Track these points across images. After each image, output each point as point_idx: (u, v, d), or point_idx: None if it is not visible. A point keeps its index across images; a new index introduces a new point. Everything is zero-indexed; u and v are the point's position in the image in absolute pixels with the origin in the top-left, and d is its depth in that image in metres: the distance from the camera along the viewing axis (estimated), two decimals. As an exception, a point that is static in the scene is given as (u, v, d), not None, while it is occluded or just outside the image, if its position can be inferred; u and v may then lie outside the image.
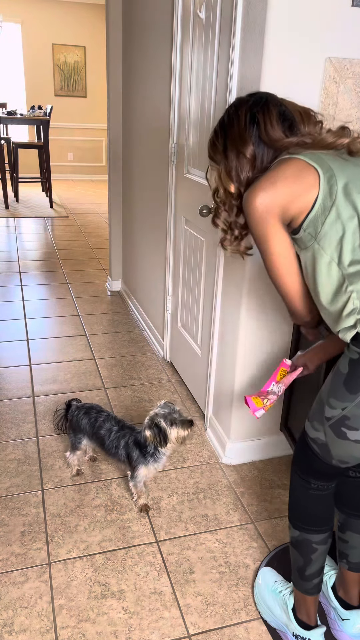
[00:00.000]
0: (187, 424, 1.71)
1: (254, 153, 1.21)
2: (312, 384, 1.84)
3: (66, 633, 1.45)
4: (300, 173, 1.13)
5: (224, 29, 1.87)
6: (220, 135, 1.26)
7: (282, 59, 1.64)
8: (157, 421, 1.71)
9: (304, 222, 1.13)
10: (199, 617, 1.51)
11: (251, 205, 1.14)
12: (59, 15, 8.43)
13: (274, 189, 1.13)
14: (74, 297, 3.89)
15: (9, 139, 7.05)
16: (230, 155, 1.22)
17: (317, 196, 1.11)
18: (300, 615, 1.41)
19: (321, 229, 1.12)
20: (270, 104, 1.21)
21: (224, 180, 1.25)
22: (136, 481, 1.84)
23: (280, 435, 2.14)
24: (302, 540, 1.36)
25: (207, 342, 2.30)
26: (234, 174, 1.23)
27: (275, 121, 1.19)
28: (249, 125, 1.20)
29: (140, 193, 3.32)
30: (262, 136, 1.19)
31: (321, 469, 1.28)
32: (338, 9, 1.63)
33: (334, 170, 1.13)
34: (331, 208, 1.10)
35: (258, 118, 1.19)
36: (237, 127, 1.21)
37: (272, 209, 1.13)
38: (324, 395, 1.19)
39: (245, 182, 1.23)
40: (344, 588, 1.48)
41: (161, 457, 1.81)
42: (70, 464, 2.03)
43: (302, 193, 1.12)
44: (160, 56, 2.66)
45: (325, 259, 1.12)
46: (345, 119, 1.76)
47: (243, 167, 1.22)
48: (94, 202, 7.47)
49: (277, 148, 1.20)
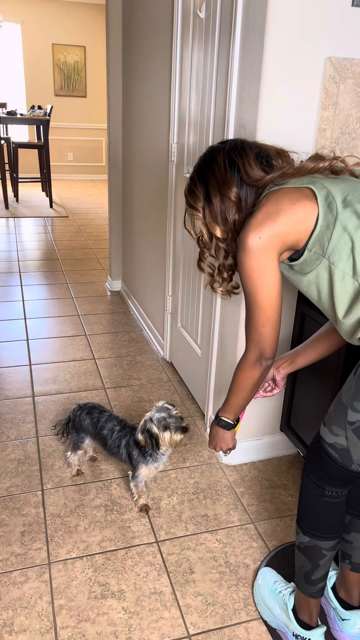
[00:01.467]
0: (180, 430, 1.71)
1: (238, 195, 1.22)
2: (313, 384, 1.84)
3: (66, 633, 1.45)
4: (295, 199, 1.15)
5: (224, 29, 1.87)
6: (199, 182, 1.26)
7: (282, 59, 1.64)
8: (149, 426, 1.71)
9: (308, 243, 1.14)
10: (199, 617, 1.51)
11: (250, 243, 1.15)
12: (59, 15, 8.43)
13: (273, 222, 1.14)
14: (74, 297, 3.89)
15: (9, 138, 7.05)
16: (214, 200, 1.24)
17: (318, 215, 1.12)
18: (302, 616, 1.41)
19: (328, 244, 1.12)
20: (246, 148, 1.24)
21: (210, 225, 1.26)
22: (137, 481, 1.84)
23: (280, 435, 2.14)
24: (311, 547, 1.34)
25: (207, 342, 2.30)
26: (221, 219, 1.24)
27: (253, 162, 1.22)
28: (229, 170, 1.22)
29: (140, 193, 3.32)
30: (244, 178, 1.21)
31: (338, 474, 1.26)
32: (338, 9, 1.63)
33: (327, 187, 1.15)
34: (335, 223, 1.11)
35: (237, 162, 1.22)
36: (218, 173, 1.23)
37: (272, 243, 1.14)
38: (346, 399, 1.17)
39: (232, 224, 1.25)
40: (345, 588, 1.48)
41: (160, 457, 1.80)
42: (70, 464, 2.03)
43: (302, 218, 1.13)
44: (160, 56, 2.66)
45: (339, 274, 1.12)
46: (345, 119, 1.77)
47: (229, 209, 1.23)
48: (94, 202, 7.47)
49: (259, 186, 1.22)
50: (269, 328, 1.24)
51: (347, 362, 1.58)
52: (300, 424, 1.96)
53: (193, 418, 2.44)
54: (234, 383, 1.36)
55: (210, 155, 1.27)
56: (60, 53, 8.67)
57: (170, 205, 2.66)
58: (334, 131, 1.77)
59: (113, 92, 3.58)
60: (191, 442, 2.27)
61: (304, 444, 1.90)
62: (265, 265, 1.16)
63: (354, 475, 1.26)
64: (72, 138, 9.22)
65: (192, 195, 1.29)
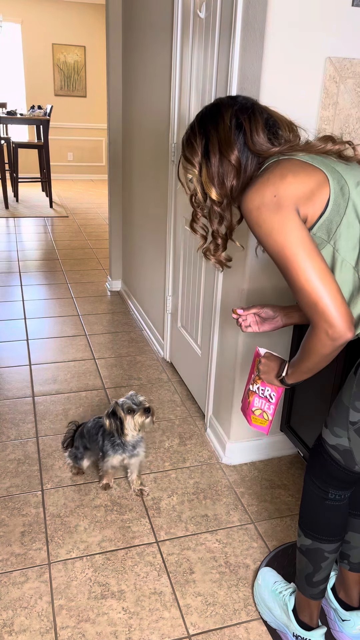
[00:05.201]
0: (143, 411, 1.78)
1: (239, 159, 1.13)
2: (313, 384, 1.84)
3: (66, 633, 1.45)
4: (307, 170, 1.06)
5: (224, 29, 1.87)
6: (200, 134, 1.16)
7: (282, 59, 1.64)
8: (115, 409, 1.79)
9: (315, 226, 1.06)
10: (199, 618, 1.51)
11: (266, 201, 1.03)
12: (59, 15, 8.43)
13: (284, 182, 1.04)
14: (74, 297, 3.89)
15: (9, 138, 7.05)
16: (212, 159, 1.14)
17: (329, 198, 1.04)
18: (303, 617, 1.41)
19: (337, 230, 1.05)
20: (256, 112, 1.14)
21: (205, 185, 1.16)
22: (103, 463, 1.92)
23: (280, 435, 2.14)
24: (314, 549, 1.33)
25: (207, 342, 2.30)
26: (217, 181, 1.15)
27: (261, 129, 1.13)
28: (234, 131, 1.12)
29: (140, 193, 3.32)
30: (249, 144, 1.13)
31: (341, 476, 1.25)
32: (338, 9, 1.63)
33: (340, 172, 1.08)
34: (347, 207, 1.04)
35: (244, 125, 1.12)
36: (222, 131, 1.13)
37: (290, 203, 1.03)
38: (347, 399, 1.16)
39: (229, 190, 1.16)
40: (345, 589, 1.48)
41: (129, 449, 1.87)
42: (68, 463, 2.06)
43: (315, 190, 1.04)
44: (160, 56, 2.66)
45: (339, 261, 1.07)
46: (345, 119, 1.77)
47: (227, 173, 1.14)
48: (94, 202, 7.47)
49: (263, 157, 1.14)
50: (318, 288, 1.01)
51: (347, 362, 1.58)
52: (300, 424, 1.95)
53: (193, 418, 2.44)
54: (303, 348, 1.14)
55: (216, 108, 1.16)
56: (60, 53, 8.67)
57: (171, 205, 2.65)
58: (334, 131, 1.77)
59: (113, 92, 3.58)
60: (191, 442, 2.27)
61: (304, 444, 1.90)
62: (287, 219, 1.03)
63: (356, 476, 1.25)
64: (72, 138, 9.22)
65: (189, 146, 1.18)
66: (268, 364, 1.30)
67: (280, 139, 1.15)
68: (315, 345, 1.05)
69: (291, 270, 1.03)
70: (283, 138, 1.15)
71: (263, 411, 1.38)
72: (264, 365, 1.31)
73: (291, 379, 1.23)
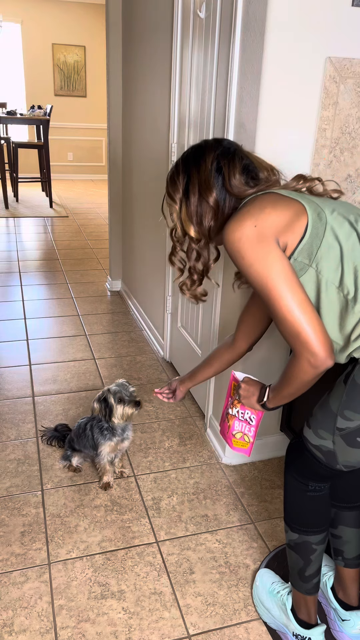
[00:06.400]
0: (133, 404, 1.82)
1: (217, 201, 1.19)
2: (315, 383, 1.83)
3: (66, 633, 1.45)
4: (284, 201, 1.12)
5: (224, 28, 1.87)
6: (183, 173, 1.23)
7: (282, 59, 1.64)
8: (106, 396, 1.82)
9: (295, 251, 1.09)
10: (199, 618, 1.51)
11: (246, 232, 1.08)
12: (59, 15, 8.43)
13: (264, 213, 1.09)
14: (74, 297, 3.89)
15: (9, 138, 7.05)
16: (192, 198, 1.20)
17: (307, 224, 1.09)
18: (301, 615, 1.42)
19: (317, 252, 1.08)
20: (236, 157, 1.21)
21: (184, 222, 1.22)
22: (100, 458, 1.94)
23: (280, 435, 2.14)
24: (301, 543, 1.35)
25: (207, 342, 2.30)
26: (196, 219, 1.21)
27: (238, 173, 1.19)
28: (214, 174, 1.19)
29: (140, 193, 3.32)
30: (226, 186, 1.19)
31: (321, 472, 1.27)
32: (338, 9, 1.63)
33: (315, 201, 1.14)
34: (325, 230, 1.09)
35: (223, 169, 1.19)
36: (202, 173, 1.20)
37: (270, 232, 1.08)
38: (335, 406, 1.17)
39: (207, 229, 1.21)
40: (343, 588, 1.48)
41: (119, 432, 1.90)
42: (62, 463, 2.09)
43: (293, 218, 1.09)
44: (160, 56, 2.66)
45: (324, 283, 1.09)
46: (345, 119, 1.77)
47: (205, 213, 1.20)
48: (94, 202, 7.47)
49: (240, 198, 1.19)
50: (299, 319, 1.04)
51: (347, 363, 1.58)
52: (300, 425, 1.95)
53: (193, 418, 2.44)
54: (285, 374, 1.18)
55: (200, 151, 1.23)
56: (60, 53, 8.67)
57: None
58: (334, 131, 1.77)
59: (113, 92, 3.58)
60: (191, 442, 2.27)
61: (304, 444, 1.90)
62: (268, 250, 1.07)
63: (337, 473, 1.26)
64: (72, 138, 9.22)
65: (172, 184, 1.25)
66: (248, 389, 1.35)
67: (260, 181, 1.22)
68: (298, 373, 1.10)
69: (273, 301, 1.07)
70: (262, 181, 1.22)
71: (244, 434, 1.42)
72: (244, 390, 1.36)
73: (272, 403, 1.28)
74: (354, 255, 1.08)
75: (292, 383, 1.14)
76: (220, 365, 1.57)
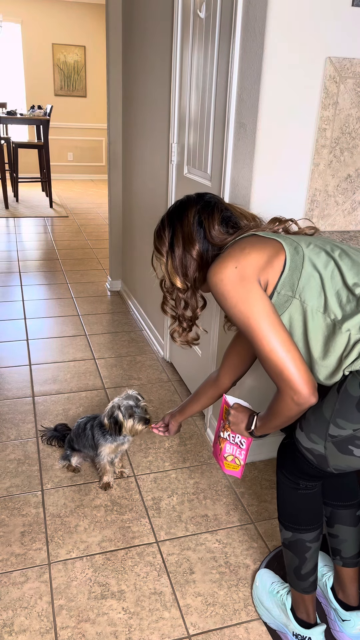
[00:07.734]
0: (143, 421, 1.81)
1: (200, 253, 1.27)
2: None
3: (66, 633, 1.45)
4: (263, 241, 1.18)
5: (224, 28, 1.87)
6: (168, 227, 1.30)
7: (282, 59, 1.64)
8: (116, 414, 1.81)
9: (277, 285, 1.14)
10: (199, 618, 1.51)
11: (228, 274, 1.13)
12: (59, 15, 8.43)
13: (244, 254, 1.15)
14: (74, 297, 3.89)
15: (9, 138, 7.05)
16: (176, 251, 1.28)
17: (285, 257, 1.14)
18: (300, 615, 1.42)
19: (298, 283, 1.12)
20: (215, 210, 1.29)
21: (171, 274, 1.30)
22: (100, 458, 1.93)
23: (280, 436, 2.14)
24: (295, 541, 1.36)
25: (207, 342, 2.30)
26: (181, 271, 1.29)
27: (217, 224, 1.27)
28: (196, 227, 1.27)
29: (140, 193, 3.32)
30: (207, 237, 1.27)
31: (312, 473, 1.28)
32: (338, 9, 1.63)
33: (291, 238, 1.20)
34: (303, 262, 1.13)
35: (204, 223, 1.27)
36: (185, 227, 1.28)
37: (251, 272, 1.13)
38: (328, 414, 1.16)
39: (193, 279, 1.29)
40: (342, 588, 1.48)
41: (121, 438, 1.90)
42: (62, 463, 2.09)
43: (272, 256, 1.14)
44: (160, 56, 2.66)
45: (310, 311, 1.12)
46: (345, 119, 1.77)
47: (190, 265, 1.28)
48: (94, 202, 7.47)
49: (220, 246, 1.26)
50: (282, 358, 1.08)
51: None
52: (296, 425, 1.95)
53: (193, 418, 2.44)
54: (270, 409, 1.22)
55: (183, 206, 1.31)
56: (60, 53, 8.67)
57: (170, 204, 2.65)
58: (334, 131, 1.77)
59: (113, 92, 3.58)
60: (191, 442, 2.27)
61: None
62: (249, 290, 1.12)
63: (328, 474, 1.27)
64: (72, 138, 9.22)
65: (159, 238, 1.32)
66: (237, 415, 1.38)
67: (241, 228, 1.30)
68: (282, 409, 1.14)
69: (256, 339, 1.11)
70: (243, 227, 1.30)
71: (235, 457, 1.44)
72: (234, 416, 1.38)
73: (260, 432, 1.32)
74: (334, 281, 1.12)
75: (278, 417, 1.19)
76: (207, 400, 1.62)
